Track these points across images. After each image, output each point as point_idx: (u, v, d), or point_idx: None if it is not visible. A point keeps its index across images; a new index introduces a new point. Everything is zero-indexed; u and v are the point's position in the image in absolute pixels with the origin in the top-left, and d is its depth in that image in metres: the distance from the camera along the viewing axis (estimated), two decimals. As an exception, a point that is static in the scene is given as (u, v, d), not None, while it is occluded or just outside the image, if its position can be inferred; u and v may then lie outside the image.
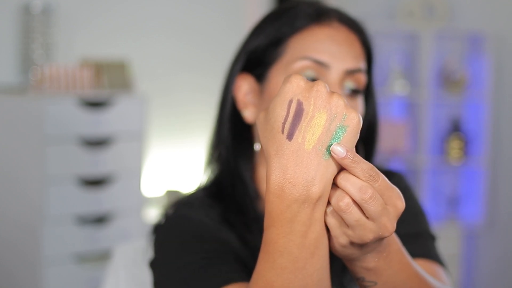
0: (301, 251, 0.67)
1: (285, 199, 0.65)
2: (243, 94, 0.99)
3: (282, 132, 0.65)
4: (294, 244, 0.67)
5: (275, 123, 0.66)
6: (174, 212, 0.98)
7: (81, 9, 3.04)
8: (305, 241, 0.67)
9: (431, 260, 0.97)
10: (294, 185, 0.64)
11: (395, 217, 0.66)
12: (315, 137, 0.64)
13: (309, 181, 0.64)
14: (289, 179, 0.65)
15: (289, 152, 0.65)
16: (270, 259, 0.68)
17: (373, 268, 0.72)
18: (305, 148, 0.64)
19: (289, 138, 0.65)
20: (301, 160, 0.64)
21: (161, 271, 0.93)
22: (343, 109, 0.65)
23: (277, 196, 0.66)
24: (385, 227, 0.65)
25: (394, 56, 3.61)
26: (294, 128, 0.65)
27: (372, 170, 0.64)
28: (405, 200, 0.67)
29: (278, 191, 0.65)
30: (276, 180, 0.65)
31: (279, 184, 0.65)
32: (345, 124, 0.65)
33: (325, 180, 0.65)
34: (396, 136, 3.53)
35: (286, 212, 0.66)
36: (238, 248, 0.93)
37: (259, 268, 0.70)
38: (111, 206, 2.66)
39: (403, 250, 0.76)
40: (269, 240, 0.68)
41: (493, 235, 3.68)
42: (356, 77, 0.95)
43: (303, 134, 0.64)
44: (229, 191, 0.99)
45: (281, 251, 0.67)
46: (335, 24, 0.96)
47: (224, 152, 1.00)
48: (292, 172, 0.64)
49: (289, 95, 0.65)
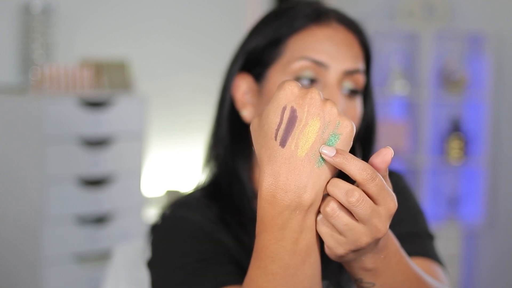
0: (292, 257, 0.67)
1: (277, 205, 0.65)
2: (242, 93, 1.00)
3: (275, 139, 0.65)
4: (285, 251, 0.67)
5: (268, 130, 0.66)
6: (171, 213, 0.98)
7: (81, 9, 3.04)
8: (296, 248, 0.67)
9: (430, 259, 0.97)
10: (286, 191, 0.65)
11: (387, 218, 0.65)
12: (308, 145, 0.64)
13: (301, 188, 0.64)
14: (281, 186, 0.65)
15: (282, 159, 0.65)
16: (261, 265, 0.69)
17: (371, 269, 0.72)
18: (298, 155, 0.64)
19: (282, 145, 0.65)
20: (294, 167, 0.64)
21: (157, 271, 0.94)
22: (337, 116, 0.65)
23: (269, 202, 0.66)
24: (376, 228, 0.65)
25: (394, 56, 3.61)
26: (287, 135, 0.65)
27: (369, 168, 0.63)
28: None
29: (270, 197, 0.65)
30: (268, 187, 0.65)
31: (271, 191, 0.65)
32: (338, 132, 0.65)
33: (317, 188, 0.65)
34: (396, 136, 3.53)
35: (278, 218, 0.66)
36: (233, 249, 0.93)
37: (251, 274, 0.71)
38: (111, 206, 2.67)
39: (402, 251, 0.76)
40: (260, 246, 0.68)
41: (493, 235, 3.68)
42: (355, 77, 0.95)
43: (296, 141, 0.64)
44: (227, 191, 0.99)
45: (273, 257, 0.68)
46: (334, 25, 0.96)
47: (222, 152, 1.01)
48: (284, 179, 0.64)
49: (283, 102, 0.65)
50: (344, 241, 0.66)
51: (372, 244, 0.68)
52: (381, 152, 0.66)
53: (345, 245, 0.66)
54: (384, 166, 0.66)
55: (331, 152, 0.64)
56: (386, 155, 0.66)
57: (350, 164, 0.63)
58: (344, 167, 0.63)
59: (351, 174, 0.63)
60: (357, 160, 0.64)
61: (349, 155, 0.64)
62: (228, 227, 0.96)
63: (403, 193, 1.04)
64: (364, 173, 0.63)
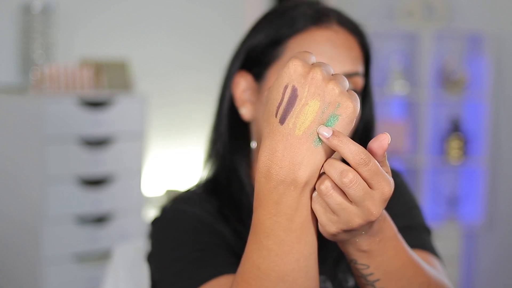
0: (287, 234, 0.68)
1: (272, 179, 0.66)
2: (241, 91, 1.00)
3: (275, 116, 0.66)
4: (281, 227, 0.68)
5: (270, 106, 0.67)
6: (170, 206, 1.00)
7: (80, 9, 3.04)
8: (291, 224, 0.68)
9: (426, 251, 0.98)
10: (280, 167, 0.66)
11: (381, 201, 0.66)
12: (306, 124, 0.65)
13: (295, 164, 0.65)
14: (276, 161, 0.66)
15: (280, 136, 0.66)
16: (257, 240, 0.70)
17: (365, 251, 0.73)
18: (295, 133, 0.65)
19: (281, 122, 0.66)
20: (290, 144, 0.65)
21: (156, 263, 0.95)
22: (337, 97, 0.65)
23: (264, 176, 0.67)
24: (369, 211, 0.65)
25: (394, 56, 3.61)
26: (287, 113, 0.66)
27: (363, 153, 0.64)
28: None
29: (266, 171, 0.67)
30: (265, 161, 0.67)
31: (267, 165, 0.67)
32: (338, 113, 0.65)
33: (312, 166, 0.66)
34: (395, 136, 3.54)
35: (273, 193, 0.67)
36: (232, 241, 0.95)
37: (247, 250, 0.72)
38: (111, 206, 2.67)
39: (399, 237, 0.77)
40: (256, 220, 0.70)
41: (493, 235, 3.68)
42: (354, 80, 0.96)
43: (295, 120, 0.65)
44: (225, 187, 1.01)
45: (268, 233, 0.69)
46: (335, 27, 0.97)
47: (222, 149, 1.02)
48: (280, 155, 0.66)
49: (285, 80, 0.66)
50: (336, 220, 0.67)
51: (366, 226, 0.68)
52: (379, 137, 0.67)
53: (337, 224, 0.67)
54: (381, 151, 0.67)
55: (327, 133, 0.64)
56: (383, 141, 0.67)
57: (345, 147, 0.64)
58: (338, 149, 0.64)
59: (345, 157, 0.64)
60: (352, 143, 0.64)
61: (345, 138, 0.64)
62: (226, 221, 0.97)
63: (400, 188, 1.05)
64: (358, 157, 0.64)
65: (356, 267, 0.75)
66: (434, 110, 3.63)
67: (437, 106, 3.64)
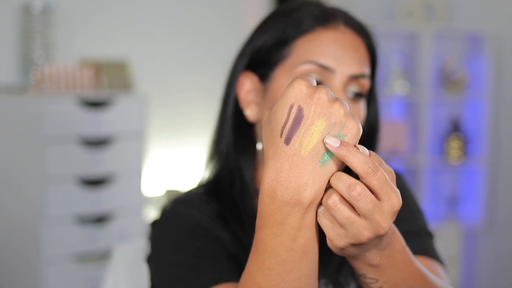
0: (289, 254, 0.68)
1: (277, 200, 0.66)
2: (246, 92, 0.99)
3: (280, 136, 0.66)
4: (283, 246, 0.68)
5: (275, 126, 0.67)
6: (170, 208, 0.99)
7: (80, 9, 3.04)
8: (293, 244, 0.68)
9: (429, 257, 0.98)
10: (286, 188, 0.65)
11: (390, 214, 0.65)
12: (312, 144, 0.65)
13: (301, 185, 0.65)
14: (282, 182, 0.65)
15: (285, 156, 0.65)
16: (259, 259, 0.69)
17: (375, 265, 0.72)
18: (301, 153, 0.65)
19: (286, 143, 0.66)
20: (296, 165, 0.65)
21: (155, 266, 0.94)
22: (343, 118, 0.65)
23: (269, 197, 0.67)
24: (378, 224, 0.65)
25: (394, 56, 3.61)
26: (292, 133, 0.65)
27: (371, 163, 0.64)
28: (402, 198, 0.67)
29: (271, 192, 0.66)
30: (270, 182, 0.66)
31: (272, 186, 0.66)
32: (343, 134, 0.65)
33: (317, 186, 0.65)
34: (395, 136, 3.54)
35: (277, 213, 0.66)
36: (231, 245, 0.94)
37: (248, 268, 0.71)
38: (111, 206, 2.67)
39: (407, 249, 0.76)
40: (259, 240, 0.69)
41: (493, 235, 3.68)
42: (360, 82, 0.95)
43: (300, 140, 0.65)
44: (227, 188, 1.00)
45: (270, 252, 0.68)
46: (341, 28, 0.96)
47: (225, 149, 1.00)
48: (286, 176, 0.65)
49: (291, 100, 0.66)
50: (344, 234, 0.66)
51: (375, 240, 0.68)
52: None
53: (346, 238, 0.66)
54: None
55: (335, 143, 0.64)
56: None
57: (353, 157, 0.64)
58: (346, 159, 0.64)
59: (353, 167, 0.64)
60: (360, 153, 0.64)
61: (353, 148, 0.64)
62: (226, 224, 0.96)
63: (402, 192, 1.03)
64: (366, 166, 0.63)
65: (365, 281, 0.75)
66: (434, 110, 3.63)
67: (437, 106, 3.64)
